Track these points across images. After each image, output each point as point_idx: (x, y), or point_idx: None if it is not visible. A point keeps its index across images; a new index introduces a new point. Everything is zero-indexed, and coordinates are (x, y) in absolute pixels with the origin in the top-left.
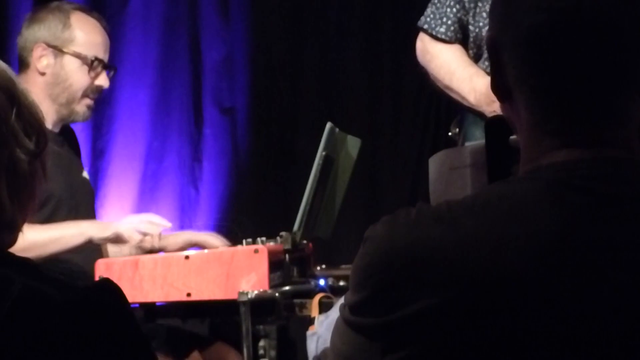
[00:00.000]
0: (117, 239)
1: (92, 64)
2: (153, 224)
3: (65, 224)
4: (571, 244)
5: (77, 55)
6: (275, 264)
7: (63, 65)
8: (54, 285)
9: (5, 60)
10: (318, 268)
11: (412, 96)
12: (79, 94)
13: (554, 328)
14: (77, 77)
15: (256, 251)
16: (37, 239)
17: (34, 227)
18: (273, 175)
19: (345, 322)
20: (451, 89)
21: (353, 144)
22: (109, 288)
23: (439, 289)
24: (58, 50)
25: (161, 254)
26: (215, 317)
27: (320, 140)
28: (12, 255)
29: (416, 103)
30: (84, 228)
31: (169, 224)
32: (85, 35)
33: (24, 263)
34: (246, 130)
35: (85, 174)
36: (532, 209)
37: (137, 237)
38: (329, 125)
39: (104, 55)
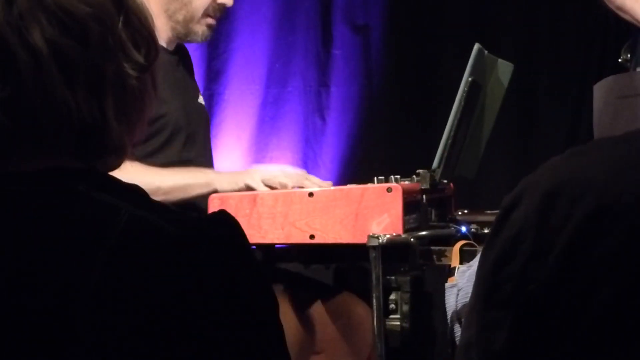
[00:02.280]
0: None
1: None
2: (298, 177)
3: (192, 171)
4: None
5: None
6: (411, 205)
7: None
8: (165, 216)
9: None
10: (459, 213)
11: (574, 16)
12: (200, 12)
13: None
14: None
15: (389, 190)
16: (161, 185)
17: (159, 171)
18: (410, 103)
19: None
20: (624, 10)
21: (504, 69)
22: (226, 221)
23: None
24: None
25: (282, 190)
26: (341, 263)
27: (466, 64)
28: (119, 182)
29: (579, 24)
30: (212, 178)
31: (326, 184)
32: None
33: (132, 190)
34: (381, 52)
35: (201, 99)
36: None
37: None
38: (477, 47)
39: None
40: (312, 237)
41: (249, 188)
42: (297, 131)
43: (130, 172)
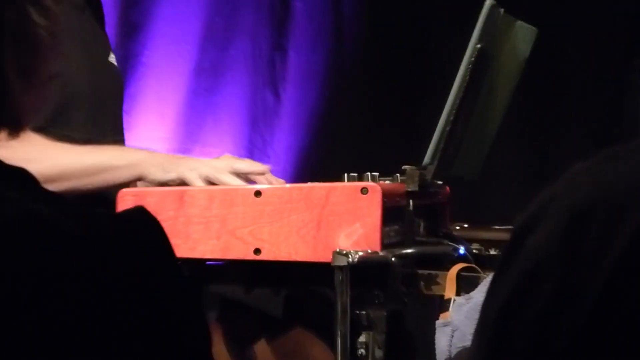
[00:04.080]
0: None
1: None
2: (252, 170)
3: (110, 149)
4: None
5: None
6: (393, 212)
7: None
8: (65, 210)
9: None
10: (457, 226)
11: None
12: None
13: None
14: None
15: (364, 190)
16: (69, 166)
17: (67, 148)
18: (393, 77)
19: None
20: None
21: (524, 36)
22: (144, 221)
23: None
24: None
25: (220, 186)
26: (296, 289)
27: (472, 26)
28: (7, 167)
29: None
30: (139, 159)
31: (278, 181)
32: None
33: (18, 176)
34: (355, 6)
35: (113, 58)
36: None
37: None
38: (488, 3)
39: None
40: (257, 251)
41: (182, 183)
42: (240, 110)
43: (27, 148)
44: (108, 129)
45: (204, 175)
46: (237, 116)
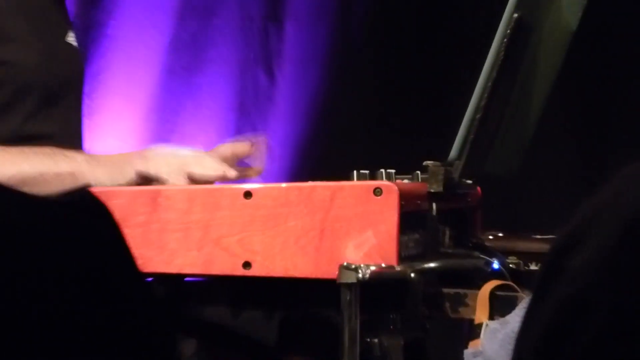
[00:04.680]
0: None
1: None
2: (224, 167)
3: (49, 154)
4: None
5: None
6: (412, 218)
7: None
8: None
9: None
10: (490, 235)
11: None
12: None
13: None
14: None
15: (377, 191)
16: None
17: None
18: (413, 55)
19: None
20: None
21: (572, 4)
22: (90, 208)
23: None
24: None
25: (202, 186)
26: (293, 311)
27: None
28: None
29: None
30: (81, 166)
31: (257, 170)
32: None
33: None
34: None
35: (72, 38)
36: None
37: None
38: None
39: None
40: (247, 265)
41: (145, 180)
42: (226, 93)
43: None
44: (62, 122)
45: (172, 168)
46: (221, 100)
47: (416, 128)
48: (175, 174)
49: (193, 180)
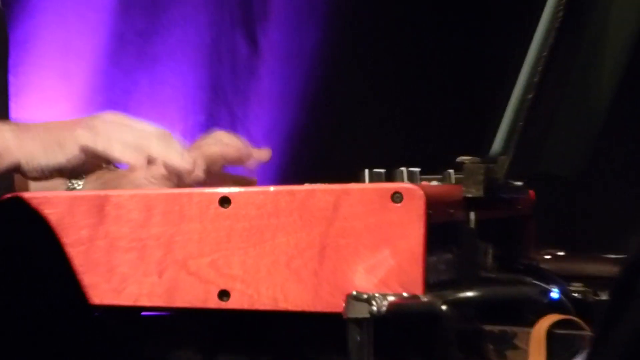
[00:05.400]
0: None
1: None
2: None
3: None
4: None
5: None
6: (443, 231)
7: None
8: None
9: None
10: (547, 255)
11: None
12: None
13: None
14: None
15: (397, 197)
16: None
17: None
18: (436, 22)
19: None
20: None
21: None
22: (18, 217)
23: None
24: None
25: (163, 190)
26: (285, 356)
27: None
28: None
29: None
30: (3, 138)
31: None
32: None
33: None
34: None
35: None
36: None
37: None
38: None
39: None
40: (223, 295)
41: (93, 158)
42: (194, 65)
43: None
44: None
45: (135, 146)
46: (187, 75)
47: (445, 114)
48: (131, 151)
49: (152, 164)
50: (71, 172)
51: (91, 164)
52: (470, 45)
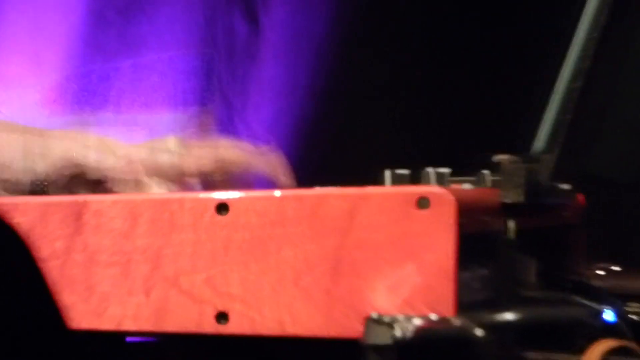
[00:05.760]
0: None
1: None
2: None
3: None
4: None
5: None
6: (478, 243)
7: None
8: None
9: None
10: (601, 271)
11: None
12: None
13: None
14: None
15: (423, 202)
16: None
17: None
18: (474, 6)
19: None
20: None
21: None
22: None
23: None
24: None
25: (149, 194)
26: None
27: None
28: None
29: None
30: None
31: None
32: None
33: None
34: None
35: None
36: None
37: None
38: None
39: None
40: (221, 317)
41: (81, 175)
42: (189, 48)
43: None
44: None
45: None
46: (180, 61)
47: (478, 104)
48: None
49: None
50: (51, 187)
51: (77, 181)
52: (508, 24)
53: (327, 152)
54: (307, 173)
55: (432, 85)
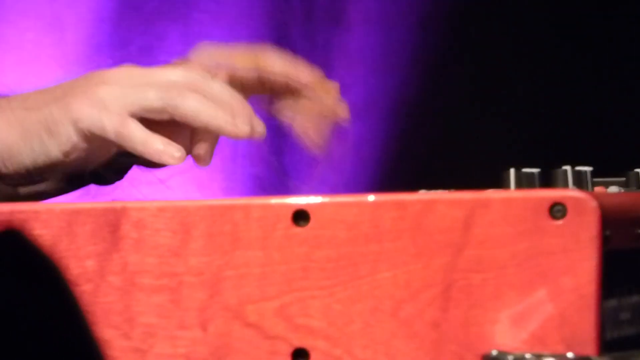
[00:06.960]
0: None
1: None
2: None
3: None
4: None
5: None
6: (629, 262)
7: None
8: None
9: None
10: None
11: None
12: None
13: None
14: None
15: (557, 210)
16: None
17: None
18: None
19: None
20: None
21: None
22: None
23: None
24: None
25: (212, 201)
26: None
27: None
28: None
29: None
30: None
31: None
32: None
33: None
34: None
35: None
36: None
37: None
38: None
39: None
40: (299, 356)
41: (105, 145)
42: (242, 25)
43: None
44: None
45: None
46: (230, 34)
47: (625, 89)
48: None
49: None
50: (72, 169)
51: (100, 153)
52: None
53: (435, 145)
54: (407, 173)
55: (565, 65)
